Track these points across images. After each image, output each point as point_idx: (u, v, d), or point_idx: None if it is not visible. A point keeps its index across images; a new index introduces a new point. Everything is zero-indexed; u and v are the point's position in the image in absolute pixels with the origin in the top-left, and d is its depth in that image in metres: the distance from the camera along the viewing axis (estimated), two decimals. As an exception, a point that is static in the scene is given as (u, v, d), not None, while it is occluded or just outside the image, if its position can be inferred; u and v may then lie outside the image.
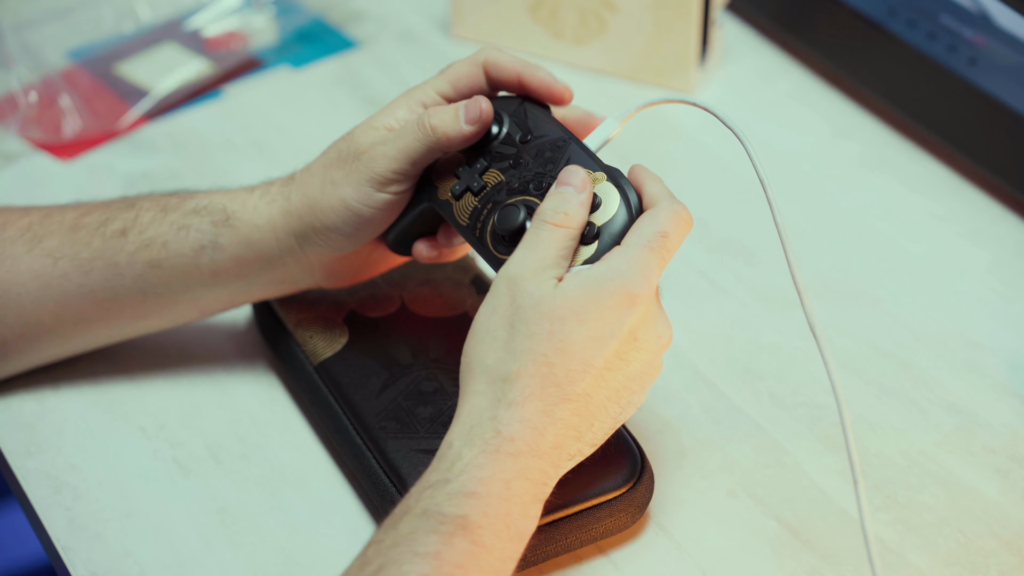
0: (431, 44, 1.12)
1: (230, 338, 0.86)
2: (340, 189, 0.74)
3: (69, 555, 0.74)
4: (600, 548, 0.74)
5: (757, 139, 1.03)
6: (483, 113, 0.73)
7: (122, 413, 0.82)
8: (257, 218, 0.77)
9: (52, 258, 0.77)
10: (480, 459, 0.64)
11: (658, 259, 0.67)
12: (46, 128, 1.02)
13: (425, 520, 0.62)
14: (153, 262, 0.77)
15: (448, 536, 0.62)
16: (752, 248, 0.93)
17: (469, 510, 0.62)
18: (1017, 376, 0.84)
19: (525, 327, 0.66)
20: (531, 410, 0.65)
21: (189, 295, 0.78)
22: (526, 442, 0.64)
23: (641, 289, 0.66)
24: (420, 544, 0.61)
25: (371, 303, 0.83)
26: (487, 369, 0.66)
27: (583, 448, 0.68)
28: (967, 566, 0.73)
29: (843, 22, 1.05)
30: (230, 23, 1.10)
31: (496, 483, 0.63)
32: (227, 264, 0.77)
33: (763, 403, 0.82)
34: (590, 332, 0.65)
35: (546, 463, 0.65)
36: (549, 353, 0.65)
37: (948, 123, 0.99)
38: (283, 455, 0.79)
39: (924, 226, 0.96)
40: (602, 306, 0.66)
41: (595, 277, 0.66)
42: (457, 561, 0.61)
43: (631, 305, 0.66)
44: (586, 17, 1.06)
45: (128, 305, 0.79)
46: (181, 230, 0.77)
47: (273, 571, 0.73)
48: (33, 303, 0.78)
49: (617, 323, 0.66)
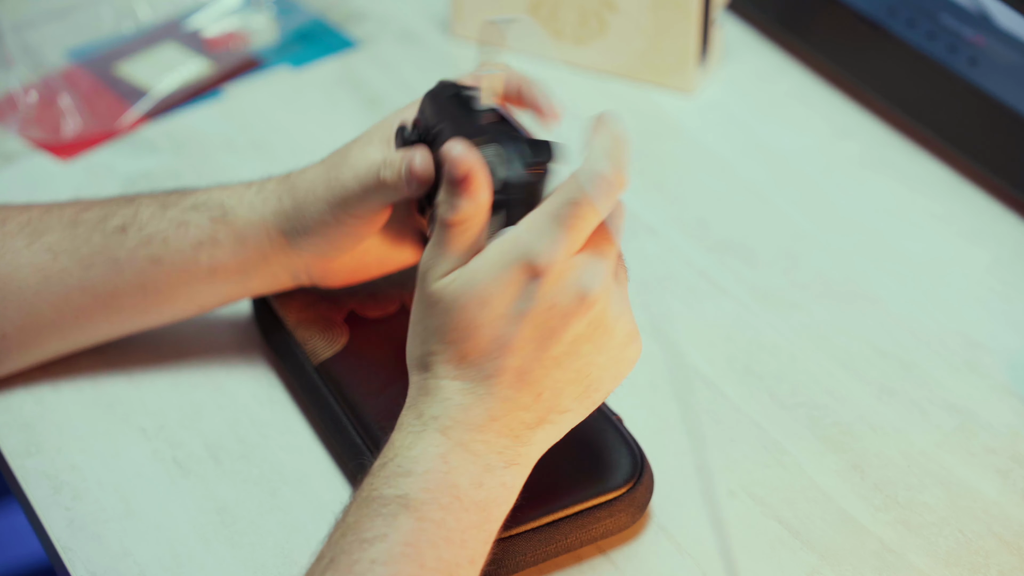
0: (431, 44, 1.12)
1: (230, 338, 0.86)
2: (318, 203, 0.76)
3: (69, 555, 0.74)
4: (600, 548, 0.74)
5: (757, 139, 1.04)
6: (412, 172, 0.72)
7: (122, 413, 0.82)
8: (252, 215, 0.78)
9: (52, 253, 0.78)
10: (408, 439, 0.66)
11: (566, 228, 0.65)
12: (46, 128, 1.02)
13: (367, 506, 0.63)
14: (153, 258, 0.77)
15: (391, 517, 0.63)
16: (752, 248, 0.93)
17: (408, 488, 0.64)
18: (1017, 376, 0.84)
19: (431, 320, 0.67)
20: (451, 390, 0.66)
21: (188, 290, 0.79)
22: (452, 418, 0.66)
23: (542, 260, 0.65)
24: (366, 530, 0.62)
25: (371, 303, 0.83)
26: (412, 361, 0.69)
27: (549, 415, 0.67)
28: (967, 566, 0.73)
29: (843, 22, 1.05)
30: (230, 23, 1.10)
31: (429, 459, 0.65)
32: (225, 260, 0.78)
33: (763, 403, 0.82)
34: (494, 311, 0.65)
35: (489, 434, 0.66)
36: (456, 341, 0.66)
37: (948, 123, 0.99)
38: (283, 455, 0.79)
39: (924, 226, 0.96)
40: (501, 283, 0.65)
41: (489, 259, 0.66)
42: (405, 540, 0.62)
43: (533, 277, 0.65)
44: (586, 17, 1.06)
45: (128, 300, 0.79)
46: (181, 226, 0.77)
47: (273, 571, 0.73)
48: (34, 296, 0.78)
49: (522, 298, 0.65)
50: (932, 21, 1.00)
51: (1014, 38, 0.95)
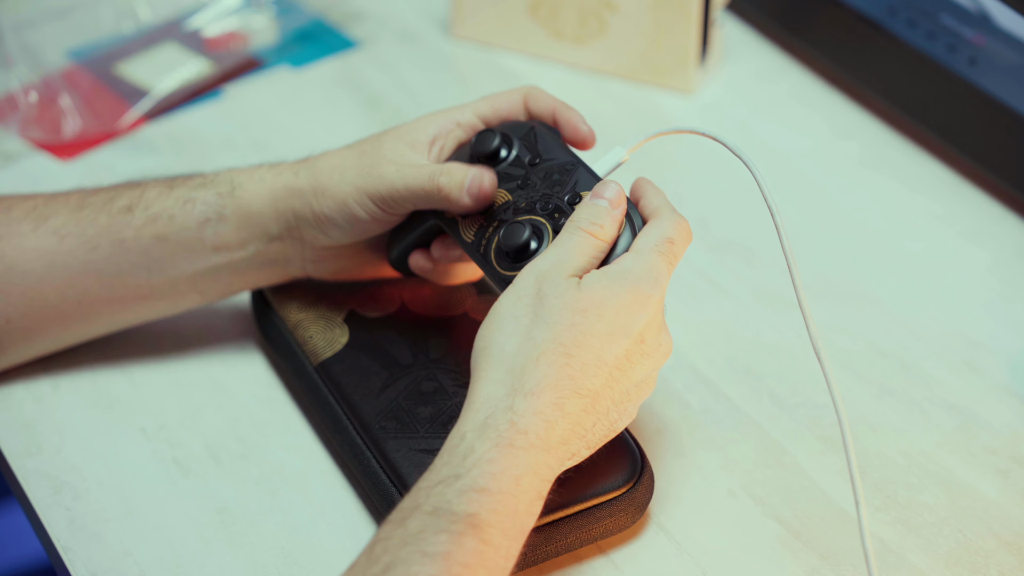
0: (431, 44, 1.12)
1: (230, 339, 0.86)
2: (345, 186, 0.75)
3: (69, 555, 0.74)
4: (600, 548, 0.74)
5: (757, 139, 1.04)
6: (482, 191, 0.73)
7: (122, 413, 0.82)
8: (261, 188, 0.78)
9: (58, 236, 0.78)
10: (492, 453, 0.64)
11: (666, 263, 0.69)
12: (46, 128, 1.02)
13: (435, 519, 0.62)
14: (159, 236, 0.78)
15: (458, 535, 0.61)
16: (752, 248, 0.93)
17: (479, 508, 0.62)
18: (1017, 376, 0.84)
19: (548, 316, 0.66)
20: (545, 401, 0.65)
21: (191, 272, 0.79)
22: (538, 435, 0.65)
23: (653, 290, 0.68)
24: (429, 544, 0.61)
25: (371, 303, 0.83)
26: (506, 355, 0.66)
27: (582, 450, 0.68)
28: (967, 566, 0.73)
29: (843, 22, 1.05)
30: (230, 23, 1.10)
31: (507, 479, 0.63)
32: (227, 236, 0.78)
33: (763, 403, 0.82)
34: (607, 327, 0.66)
35: (552, 458, 0.65)
36: (569, 344, 0.66)
37: (948, 123, 0.99)
38: (283, 455, 0.79)
39: (924, 226, 0.96)
40: (619, 303, 0.67)
41: (612, 275, 0.68)
42: (465, 561, 0.61)
43: (643, 305, 0.67)
44: (586, 17, 1.06)
45: (132, 283, 0.79)
46: (187, 203, 0.78)
47: (273, 571, 0.73)
48: (39, 280, 0.78)
49: (630, 321, 0.67)
50: (932, 21, 1.00)
51: (1014, 38, 0.95)
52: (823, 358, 0.70)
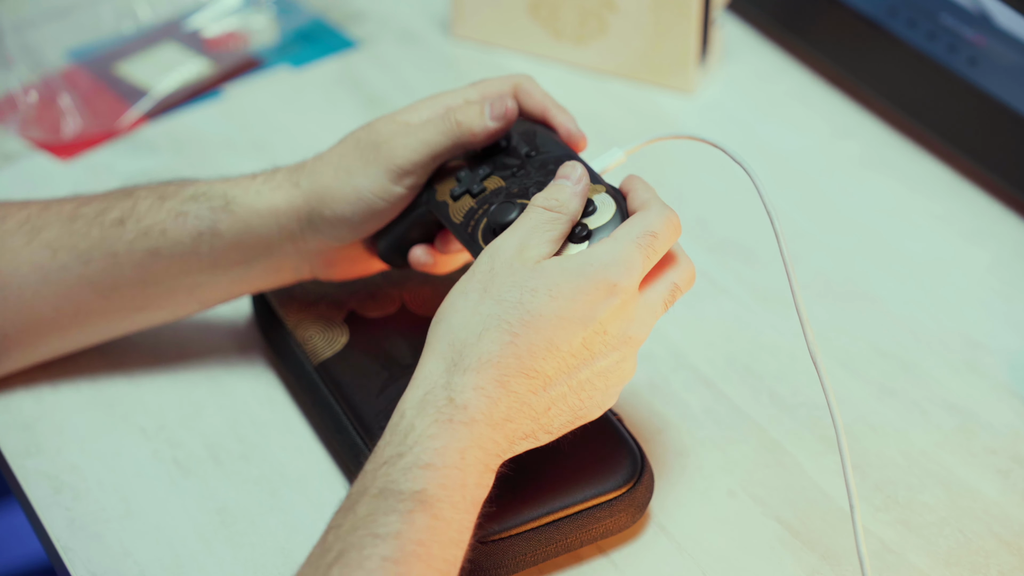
0: (431, 44, 1.12)
1: (230, 338, 0.86)
2: (355, 178, 0.75)
3: (69, 555, 0.74)
4: (600, 548, 0.74)
5: (757, 139, 1.04)
6: (508, 111, 0.74)
7: (122, 413, 0.82)
8: (259, 203, 0.77)
9: (51, 249, 0.78)
10: (433, 429, 0.64)
11: (643, 256, 0.67)
12: (46, 128, 1.02)
13: (383, 500, 0.62)
14: (152, 251, 0.77)
15: (408, 514, 0.61)
16: (752, 248, 0.93)
17: (426, 483, 0.62)
18: (1017, 376, 0.84)
19: (496, 292, 0.66)
20: (486, 377, 0.65)
21: (188, 284, 0.79)
22: (479, 410, 0.64)
23: (621, 279, 0.66)
24: (380, 525, 0.61)
25: (371, 303, 0.83)
26: (451, 329, 0.66)
27: (537, 432, 0.67)
28: (967, 566, 0.73)
29: (843, 22, 1.05)
30: (230, 23, 1.10)
31: (451, 453, 0.63)
32: (226, 251, 0.77)
33: (763, 403, 0.82)
34: (558, 311, 0.65)
35: (499, 435, 0.65)
36: (514, 322, 0.65)
37: (948, 123, 0.99)
38: (283, 455, 0.79)
39: (924, 226, 0.96)
40: (577, 289, 0.66)
41: (576, 261, 0.67)
42: (418, 538, 0.61)
43: (608, 295, 0.66)
44: (586, 17, 1.06)
45: (128, 295, 0.79)
46: (179, 216, 0.77)
47: (273, 571, 0.73)
48: (33, 295, 0.78)
49: (589, 309, 0.66)
50: (932, 21, 1.00)
51: (1014, 38, 0.95)
52: (820, 365, 0.69)
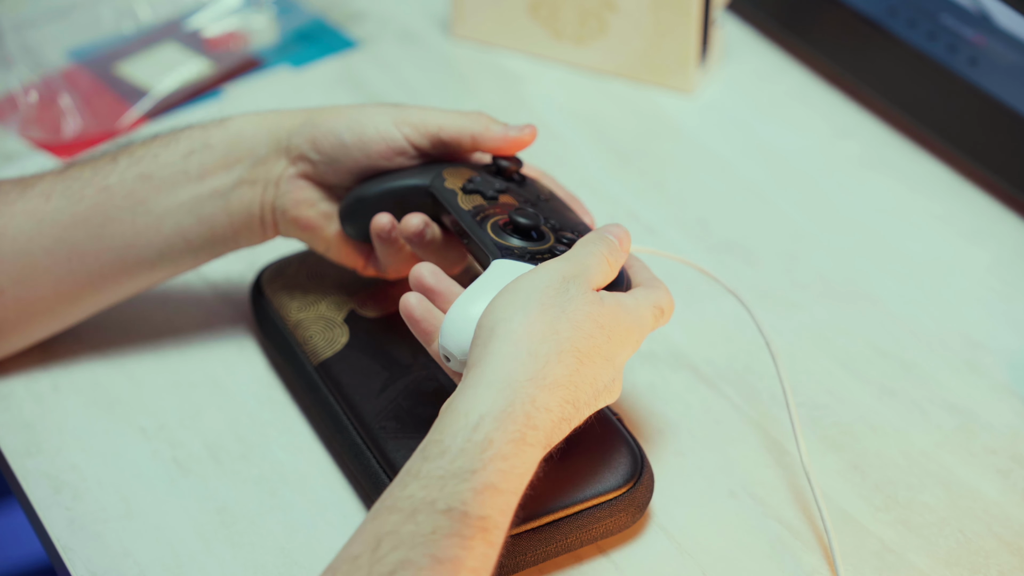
0: (431, 44, 1.12)
1: (230, 338, 0.86)
2: (362, 112, 0.78)
3: (69, 555, 0.74)
4: (600, 548, 0.74)
5: (757, 139, 1.04)
6: (532, 129, 0.77)
7: (122, 413, 0.82)
8: (254, 116, 0.80)
9: (45, 196, 0.79)
10: (508, 448, 0.63)
11: (653, 324, 0.71)
12: (46, 128, 1.02)
13: (449, 519, 0.60)
14: (143, 175, 0.79)
15: (469, 540, 0.60)
16: (752, 248, 0.93)
17: (492, 510, 0.61)
18: (1017, 376, 0.84)
19: (574, 316, 0.66)
20: (555, 399, 0.65)
21: (175, 204, 0.79)
22: (544, 433, 0.64)
23: (642, 334, 0.70)
24: (441, 547, 0.59)
25: (371, 303, 0.83)
26: (530, 338, 0.65)
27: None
28: (967, 566, 0.73)
29: (843, 22, 1.05)
30: (230, 23, 1.10)
31: (516, 478, 0.63)
32: (214, 164, 0.79)
33: (763, 403, 0.82)
34: (608, 351, 0.67)
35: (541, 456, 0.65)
36: (583, 352, 0.66)
37: (948, 123, 0.99)
38: (283, 455, 0.79)
39: (924, 226, 0.96)
40: (623, 331, 0.68)
41: (625, 304, 0.69)
42: (473, 566, 0.60)
43: (635, 343, 0.69)
44: (586, 17, 1.06)
45: (118, 230, 0.79)
46: (172, 140, 0.80)
47: (273, 571, 0.73)
48: (28, 241, 0.78)
49: (619, 353, 0.68)
50: (932, 21, 1.00)
51: (1014, 38, 0.95)
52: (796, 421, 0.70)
